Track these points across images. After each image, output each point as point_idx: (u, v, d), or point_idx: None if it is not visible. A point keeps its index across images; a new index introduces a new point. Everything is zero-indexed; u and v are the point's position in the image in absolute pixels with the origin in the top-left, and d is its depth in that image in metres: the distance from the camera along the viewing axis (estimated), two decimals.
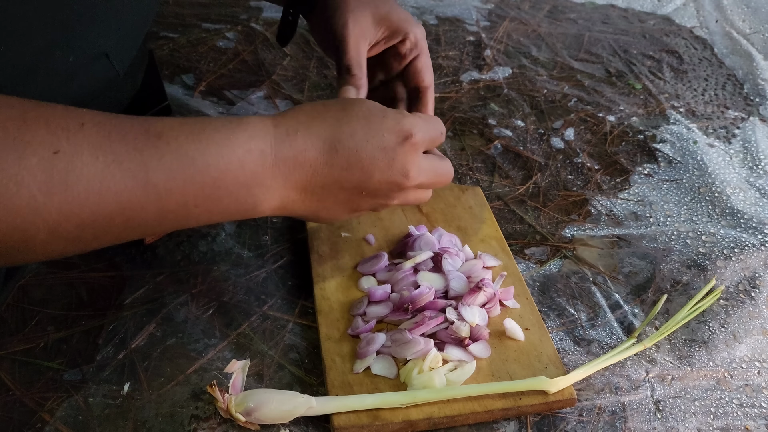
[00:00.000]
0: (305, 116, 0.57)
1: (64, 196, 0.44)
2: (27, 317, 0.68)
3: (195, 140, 0.50)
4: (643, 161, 0.96)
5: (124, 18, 0.65)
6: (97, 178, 0.46)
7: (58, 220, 0.45)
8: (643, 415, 0.62)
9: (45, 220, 0.44)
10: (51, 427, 0.58)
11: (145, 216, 0.49)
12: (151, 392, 0.61)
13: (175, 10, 1.26)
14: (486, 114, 1.05)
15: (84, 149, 0.45)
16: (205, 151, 0.50)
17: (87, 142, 0.46)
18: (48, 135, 0.44)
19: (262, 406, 0.57)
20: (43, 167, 0.43)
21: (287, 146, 0.54)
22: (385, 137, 0.57)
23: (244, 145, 0.52)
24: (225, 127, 0.52)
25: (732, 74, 1.19)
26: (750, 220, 0.86)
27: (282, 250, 0.78)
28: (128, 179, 0.47)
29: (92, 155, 0.45)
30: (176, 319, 0.69)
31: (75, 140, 0.45)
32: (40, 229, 0.44)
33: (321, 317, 0.67)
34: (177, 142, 0.49)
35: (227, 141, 0.51)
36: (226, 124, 0.53)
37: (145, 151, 0.48)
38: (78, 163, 0.45)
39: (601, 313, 0.73)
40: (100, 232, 0.48)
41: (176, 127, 0.50)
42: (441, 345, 0.64)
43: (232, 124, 0.53)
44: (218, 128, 0.52)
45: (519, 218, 0.85)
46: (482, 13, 1.35)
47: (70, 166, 0.44)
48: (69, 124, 0.46)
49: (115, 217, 0.47)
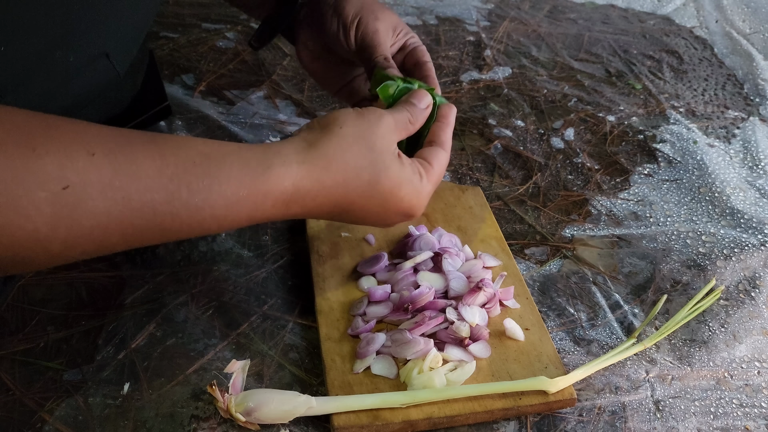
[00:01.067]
0: (311, 189, 0.55)
1: (70, 231, 0.44)
2: (27, 317, 0.68)
3: (207, 189, 0.49)
4: (643, 161, 0.96)
5: (124, 18, 0.65)
6: (104, 215, 0.45)
7: (60, 250, 0.45)
8: (643, 415, 0.62)
9: (47, 250, 0.44)
10: (51, 427, 0.58)
11: (144, 241, 0.49)
12: (151, 392, 0.61)
13: (175, 10, 1.26)
14: (486, 114, 1.05)
15: (93, 185, 0.44)
16: (214, 205, 0.50)
17: (97, 178, 0.44)
18: (57, 168, 0.43)
19: (262, 406, 0.57)
20: (51, 202, 0.43)
21: (300, 205, 0.55)
22: (387, 210, 0.60)
23: (249, 209, 0.52)
24: (238, 179, 0.51)
25: (732, 74, 1.19)
26: (750, 220, 0.86)
27: (282, 250, 0.78)
28: (136, 218, 0.47)
29: (101, 192, 0.45)
30: (176, 319, 0.69)
31: (84, 174, 0.44)
32: (42, 258, 0.45)
33: (321, 317, 0.67)
34: (188, 188, 0.48)
35: (237, 198, 0.51)
36: (241, 174, 0.51)
37: (156, 193, 0.47)
38: (86, 199, 0.44)
39: (601, 313, 0.73)
40: (101, 254, 0.49)
41: (189, 170, 0.49)
42: (441, 345, 0.64)
43: (247, 171, 0.51)
44: (231, 176, 0.50)
45: (519, 218, 0.85)
46: (482, 13, 1.35)
47: (77, 201, 0.44)
48: (78, 154, 0.44)
49: (117, 245, 0.48)
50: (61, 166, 0.43)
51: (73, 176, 0.43)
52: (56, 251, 0.44)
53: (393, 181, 0.58)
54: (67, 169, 0.43)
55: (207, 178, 0.49)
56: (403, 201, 0.60)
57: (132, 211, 0.46)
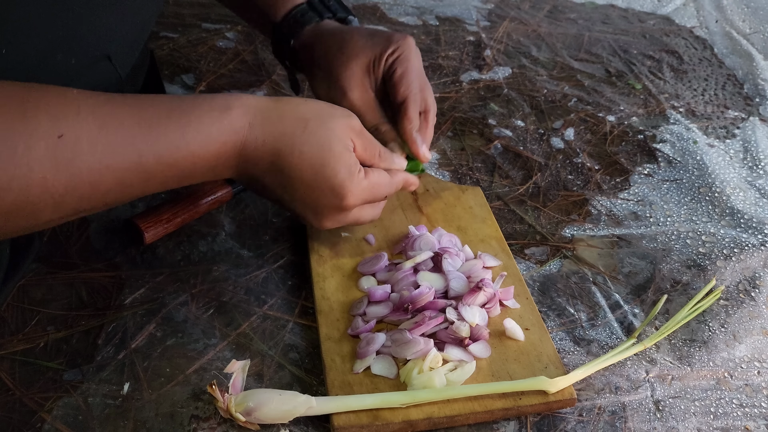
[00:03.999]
0: (259, 141, 0.62)
1: (69, 175, 0.51)
2: (27, 317, 0.68)
3: (181, 130, 0.57)
4: (643, 161, 0.96)
5: (126, 21, 0.65)
6: (96, 161, 0.52)
7: (63, 194, 0.51)
8: (643, 415, 0.62)
9: (52, 195, 0.51)
10: (50, 426, 0.58)
11: (132, 190, 0.57)
12: (151, 392, 0.61)
13: (175, 10, 1.26)
14: (486, 114, 1.05)
15: (83, 138, 0.51)
16: (190, 142, 0.57)
17: (85, 132, 0.51)
18: (49, 123, 0.50)
19: (262, 406, 0.57)
20: (50, 151, 0.49)
21: (252, 148, 0.61)
22: (325, 199, 0.64)
23: (221, 138, 0.59)
24: (208, 116, 0.58)
25: (732, 74, 1.19)
26: (750, 220, 0.86)
27: (282, 250, 0.78)
28: (124, 162, 0.54)
29: (91, 144, 0.52)
30: (176, 319, 0.69)
31: (74, 127, 0.51)
32: (48, 203, 0.51)
33: (321, 317, 0.67)
34: (165, 134, 0.56)
35: (208, 135, 0.58)
36: (208, 113, 0.59)
37: (138, 140, 0.54)
38: (79, 150, 0.51)
39: (601, 313, 0.73)
40: (96, 202, 0.55)
41: (164, 117, 0.56)
42: (441, 345, 0.64)
43: (213, 113, 0.59)
44: (202, 119, 0.58)
45: (519, 218, 0.85)
46: (482, 13, 1.35)
47: (73, 152, 0.51)
48: (66, 111, 0.51)
49: (111, 191, 0.55)
50: (53, 120, 0.50)
51: (66, 128, 0.50)
52: (59, 194, 0.51)
53: (335, 153, 0.63)
54: (60, 122, 0.50)
55: (183, 120, 0.57)
56: (337, 176, 0.63)
57: (119, 155, 0.53)
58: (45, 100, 0.51)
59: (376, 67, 0.74)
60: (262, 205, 0.83)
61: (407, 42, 0.74)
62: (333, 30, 0.77)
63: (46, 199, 0.51)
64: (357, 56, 0.74)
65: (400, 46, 0.73)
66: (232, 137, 0.60)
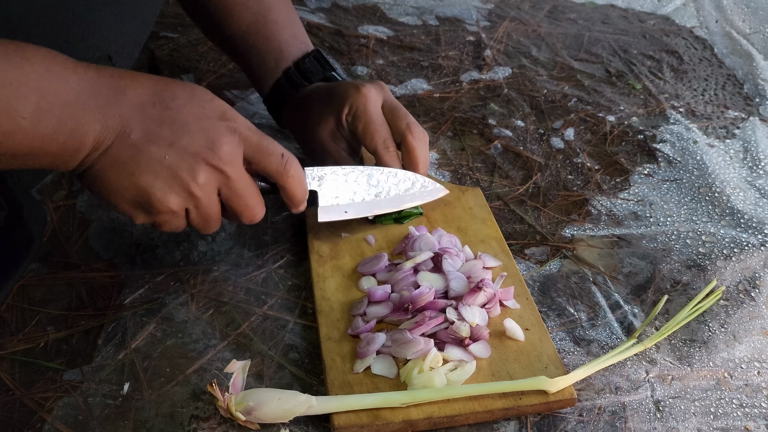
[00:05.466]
0: (131, 72, 0.59)
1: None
2: (27, 317, 0.68)
3: (26, 64, 0.52)
4: (643, 161, 0.96)
5: (126, 20, 0.65)
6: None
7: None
8: (643, 415, 0.62)
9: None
10: (50, 426, 0.58)
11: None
12: (151, 392, 0.61)
13: (175, 10, 1.26)
14: (486, 114, 1.05)
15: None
16: (36, 71, 0.52)
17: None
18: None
19: (263, 405, 0.57)
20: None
21: (113, 80, 0.56)
22: (204, 109, 0.59)
23: (71, 68, 0.54)
24: (51, 62, 0.54)
25: (732, 74, 1.19)
26: (750, 220, 0.86)
27: (282, 250, 0.77)
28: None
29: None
30: (176, 319, 0.69)
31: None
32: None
33: (321, 317, 0.67)
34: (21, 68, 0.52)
35: (50, 66, 0.54)
36: (52, 60, 0.54)
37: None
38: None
39: (601, 313, 0.73)
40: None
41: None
42: (441, 345, 0.64)
43: (57, 59, 0.54)
44: (45, 66, 0.53)
45: (519, 218, 0.85)
46: (482, 13, 1.35)
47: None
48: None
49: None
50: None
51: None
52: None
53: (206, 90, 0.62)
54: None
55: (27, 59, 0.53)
56: (213, 99, 0.61)
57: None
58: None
59: (341, 129, 0.77)
60: None
61: (361, 95, 0.75)
62: (305, 99, 0.81)
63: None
64: (320, 124, 0.78)
65: (354, 103, 0.75)
66: (85, 70, 0.56)
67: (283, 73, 0.83)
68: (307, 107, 0.80)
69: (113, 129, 0.56)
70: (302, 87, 0.82)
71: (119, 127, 0.56)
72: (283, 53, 0.83)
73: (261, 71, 0.84)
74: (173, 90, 0.59)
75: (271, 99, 0.85)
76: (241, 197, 0.62)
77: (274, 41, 0.83)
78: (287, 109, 0.83)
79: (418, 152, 0.76)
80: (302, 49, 0.84)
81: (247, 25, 0.83)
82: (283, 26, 0.84)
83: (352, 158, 0.79)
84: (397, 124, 0.76)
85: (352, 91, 0.75)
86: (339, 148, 0.78)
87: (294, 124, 0.83)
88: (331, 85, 0.80)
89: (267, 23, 0.83)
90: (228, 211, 0.63)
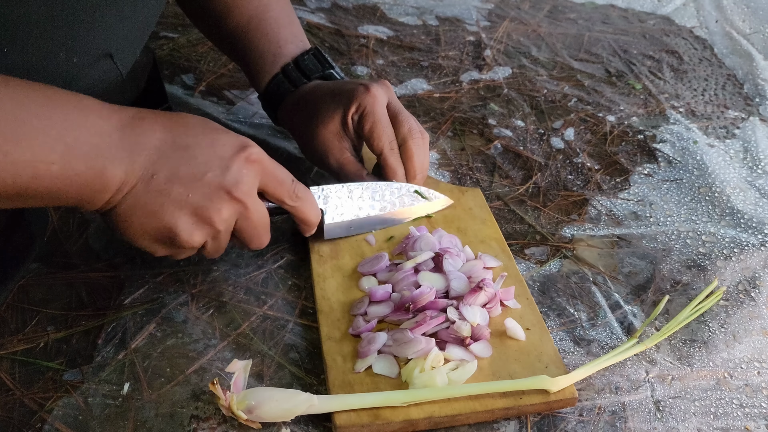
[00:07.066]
0: (150, 111, 0.59)
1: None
2: (27, 317, 0.68)
3: (50, 118, 0.53)
4: (643, 161, 0.96)
5: (127, 19, 0.65)
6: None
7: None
8: (643, 415, 0.62)
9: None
10: (50, 426, 0.58)
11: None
12: (151, 392, 0.61)
13: (175, 10, 1.25)
14: (486, 114, 1.05)
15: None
16: (65, 116, 0.53)
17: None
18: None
19: (264, 404, 0.57)
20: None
21: (134, 122, 0.57)
22: (224, 146, 0.60)
23: (96, 113, 0.56)
24: (75, 108, 0.55)
25: (732, 74, 1.19)
26: (750, 220, 0.86)
27: (282, 250, 0.77)
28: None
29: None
30: (176, 319, 0.69)
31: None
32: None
33: (322, 317, 0.67)
34: (39, 120, 0.52)
35: (78, 111, 0.55)
36: (76, 106, 0.55)
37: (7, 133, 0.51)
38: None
39: (601, 313, 0.73)
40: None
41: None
42: (442, 344, 0.64)
43: (81, 104, 0.55)
44: (68, 113, 0.54)
45: (519, 218, 0.85)
46: (482, 13, 1.35)
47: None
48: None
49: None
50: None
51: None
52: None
53: (213, 122, 0.62)
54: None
55: (56, 116, 0.54)
56: (226, 132, 0.62)
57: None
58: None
59: (346, 128, 0.77)
60: None
61: (370, 94, 0.75)
62: (306, 96, 0.81)
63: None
64: (325, 122, 0.77)
65: (362, 102, 0.75)
66: (105, 121, 0.56)
67: (282, 70, 0.83)
68: (310, 105, 0.79)
69: (137, 171, 0.57)
70: (301, 84, 0.82)
71: (142, 169, 0.57)
72: (282, 49, 0.83)
73: (259, 67, 0.84)
74: (191, 126, 0.60)
75: (268, 95, 0.84)
76: (254, 228, 0.64)
77: (274, 37, 0.83)
78: (286, 107, 0.83)
79: (417, 157, 0.76)
80: (301, 46, 0.84)
81: (247, 21, 0.82)
82: (282, 23, 0.84)
83: (355, 157, 0.79)
84: (399, 128, 0.76)
85: (360, 90, 0.75)
86: (342, 146, 0.78)
87: (294, 122, 0.83)
88: (337, 83, 0.80)
89: (267, 19, 0.83)
90: (237, 238, 0.65)
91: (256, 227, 0.64)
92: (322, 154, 0.78)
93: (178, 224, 0.59)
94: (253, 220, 0.63)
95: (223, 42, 0.88)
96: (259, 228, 0.64)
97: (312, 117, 0.78)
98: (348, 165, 0.77)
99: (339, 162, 0.78)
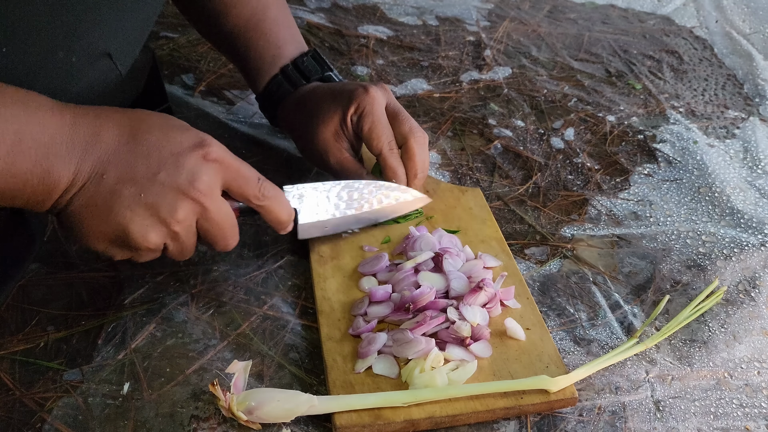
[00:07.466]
0: (107, 109, 0.58)
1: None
2: (27, 317, 0.68)
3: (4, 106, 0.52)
4: (643, 161, 0.96)
5: (126, 18, 0.65)
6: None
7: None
8: (643, 415, 0.62)
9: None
10: (50, 426, 0.58)
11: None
12: (151, 392, 0.61)
13: (175, 10, 1.25)
14: (486, 114, 1.05)
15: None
16: (14, 113, 0.52)
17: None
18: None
19: (264, 405, 0.57)
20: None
21: (88, 120, 0.56)
22: (179, 144, 0.58)
23: (49, 110, 0.54)
24: (24, 105, 0.54)
25: (732, 74, 1.19)
26: (750, 220, 0.86)
27: (282, 250, 0.77)
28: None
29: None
30: (176, 319, 0.69)
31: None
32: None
33: (322, 317, 0.67)
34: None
35: (27, 108, 0.53)
36: (25, 103, 0.54)
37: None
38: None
39: (601, 313, 0.73)
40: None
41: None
42: (442, 344, 0.64)
43: (32, 102, 0.54)
44: (17, 110, 0.53)
45: (519, 218, 0.85)
46: (482, 13, 1.35)
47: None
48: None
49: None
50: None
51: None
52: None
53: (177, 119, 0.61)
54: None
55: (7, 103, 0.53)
56: (187, 128, 0.60)
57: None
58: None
59: (345, 128, 0.77)
60: None
61: (369, 95, 0.75)
62: (305, 97, 0.80)
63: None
64: (325, 123, 0.77)
65: (361, 103, 0.75)
66: (60, 112, 0.56)
67: (281, 71, 0.83)
68: (309, 105, 0.79)
69: (86, 170, 0.55)
70: (300, 85, 0.82)
71: (92, 168, 0.56)
72: (281, 50, 0.83)
73: (257, 68, 0.83)
74: (148, 124, 0.58)
75: (267, 96, 0.84)
76: (218, 228, 0.61)
77: (273, 38, 0.83)
78: (285, 108, 0.83)
79: (419, 156, 0.76)
80: (299, 48, 0.84)
81: (246, 21, 0.82)
82: (281, 24, 0.84)
83: (354, 157, 0.79)
84: (400, 128, 0.76)
85: (359, 92, 0.75)
86: (341, 147, 0.78)
87: (293, 123, 0.83)
88: (336, 85, 0.80)
89: (265, 20, 0.83)
90: (202, 238, 0.63)
91: (221, 228, 0.61)
92: (321, 154, 0.79)
93: (130, 225, 0.57)
94: (216, 220, 0.61)
95: (221, 42, 0.87)
96: (224, 228, 0.62)
97: (311, 117, 0.78)
98: (347, 165, 0.77)
99: (338, 162, 0.78)
